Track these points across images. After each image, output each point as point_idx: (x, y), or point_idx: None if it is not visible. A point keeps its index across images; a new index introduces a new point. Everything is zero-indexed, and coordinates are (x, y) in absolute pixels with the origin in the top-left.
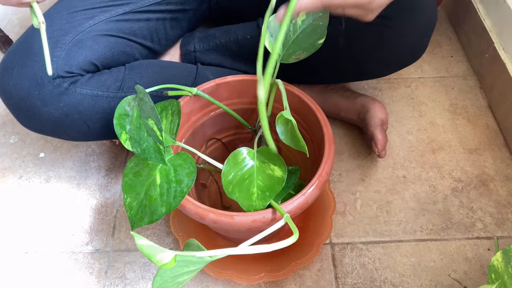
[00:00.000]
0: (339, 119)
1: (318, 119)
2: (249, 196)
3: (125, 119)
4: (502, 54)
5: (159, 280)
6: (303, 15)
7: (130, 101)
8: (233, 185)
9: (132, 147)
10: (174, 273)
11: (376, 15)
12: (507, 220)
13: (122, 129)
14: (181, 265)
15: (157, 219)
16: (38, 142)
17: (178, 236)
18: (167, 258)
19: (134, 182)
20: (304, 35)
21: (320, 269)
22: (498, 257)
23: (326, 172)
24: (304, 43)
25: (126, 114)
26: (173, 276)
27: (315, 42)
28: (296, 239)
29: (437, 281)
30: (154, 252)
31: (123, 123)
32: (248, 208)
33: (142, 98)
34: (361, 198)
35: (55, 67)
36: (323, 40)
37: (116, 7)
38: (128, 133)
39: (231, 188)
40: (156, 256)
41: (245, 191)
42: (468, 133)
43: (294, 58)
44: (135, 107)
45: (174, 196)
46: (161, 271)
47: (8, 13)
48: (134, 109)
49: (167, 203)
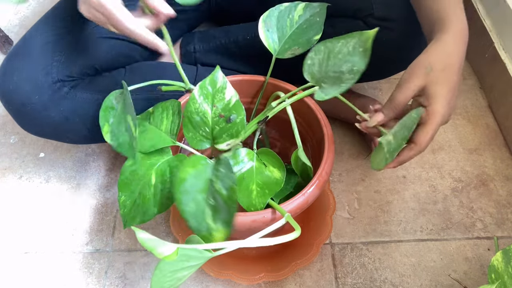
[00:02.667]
0: (339, 119)
1: (318, 119)
2: (248, 194)
3: (110, 112)
4: (502, 54)
5: (159, 273)
6: (301, 10)
7: (118, 95)
8: None
9: (111, 140)
10: (174, 267)
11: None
12: (507, 220)
13: (105, 121)
14: (182, 259)
15: (149, 219)
16: (38, 142)
17: (178, 236)
18: (169, 251)
19: (130, 181)
20: (300, 30)
21: (320, 269)
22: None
23: (326, 172)
24: (301, 39)
25: (112, 107)
26: (173, 270)
27: (311, 38)
28: (298, 235)
29: (437, 281)
30: (156, 245)
31: (108, 115)
32: (248, 206)
33: (124, 93)
34: (361, 198)
35: (55, 71)
36: (319, 36)
37: None
38: (110, 126)
39: None
40: (158, 248)
41: (244, 189)
42: (468, 133)
43: (290, 53)
44: (121, 102)
45: (167, 197)
46: (161, 265)
47: (8, 13)
48: (120, 104)
49: (160, 204)
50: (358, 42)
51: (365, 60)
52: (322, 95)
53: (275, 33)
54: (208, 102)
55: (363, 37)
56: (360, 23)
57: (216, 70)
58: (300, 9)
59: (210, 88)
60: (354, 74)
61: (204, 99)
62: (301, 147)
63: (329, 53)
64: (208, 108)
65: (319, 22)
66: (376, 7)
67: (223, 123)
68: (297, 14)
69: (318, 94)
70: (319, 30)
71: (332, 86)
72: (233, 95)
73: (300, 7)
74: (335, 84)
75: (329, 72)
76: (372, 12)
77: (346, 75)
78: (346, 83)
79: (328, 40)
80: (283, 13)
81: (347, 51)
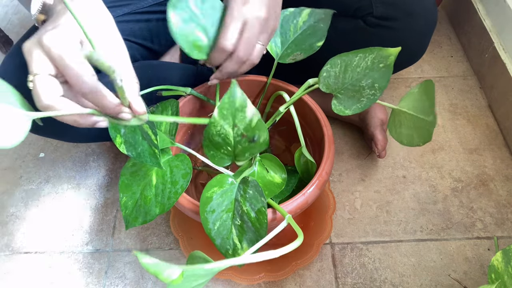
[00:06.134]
0: (339, 119)
1: (318, 119)
2: None
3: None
4: (502, 54)
5: None
6: (305, 16)
7: None
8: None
9: (127, 150)
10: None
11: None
12: (507, 220)
13: (116, 132)
14: (189, 279)
15: (151, 219)
16: (38, 142)
17: (178, 236)
18: (175, 274)
19: (131, 182)
20: (304, 36)
21: (320, 269)
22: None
23: (326, 172)
24: (303, 44)
25: None
26: None
27: (313, 44)
28: (300, 243)
29: (437, 281)
30: (161, 269)
31: (118, 126)
32: None
33: None
34: (361, 198)
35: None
36: (322, 43)
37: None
38: (122, 136)
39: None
40: (163, 273)
41: None
42: (468, 133)
43: (292, 58)
44: None
45: (169, 197)
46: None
47: (8, 13)
48: None
49: (161, 204)
50: (377, 57)
51: (387, 78)
52: (340, 107)
53: (278, 37)
54: (229, 123)
55: (383, 53)
56: (360, 22)
57: (232, 85)
58: (305, 15)
59: (229, 108)
60: (375, 91)
61: (224, 121)
62: (304, 145)
63: (346, 66)
64: (229, 130)
65: (323, 28)
66: (376, 6)
67: (246, 142)
68: (301, 20)
69: (336, 106)
70: (322, 37)
71: (349, 98)
72: (255, 113)
73: (305, 13)
74: (354, 97)
75: (346, 84)
76: (372, 11)
77: (367, 90)
78: (366, 99)
79: (344, 54)
80: (288, 18)
81: (365, 66)
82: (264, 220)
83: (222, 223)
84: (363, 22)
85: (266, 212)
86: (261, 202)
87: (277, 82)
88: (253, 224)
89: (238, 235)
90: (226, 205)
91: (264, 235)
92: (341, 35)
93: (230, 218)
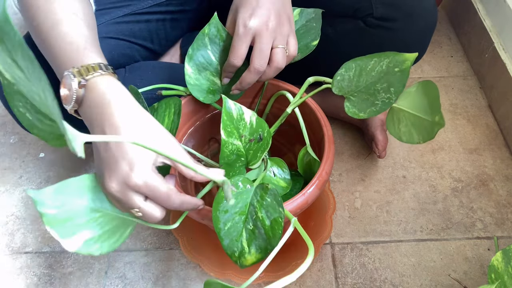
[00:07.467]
0: (339, 119)
1: (318, 119)
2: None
3: None
4: (502, 54)
5: None
6: (296, 15)
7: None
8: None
9: None
10: None
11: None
12: (507, 220)
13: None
14: None
15: None
16: (38, 142)
17: (178, 236)
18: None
19: None
20: (298, 36)
21: (320, 269)
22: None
23: (326, 172)
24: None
25: None
26: None
27: (309, 44)
28: (311, 260)
29: (437, 281)
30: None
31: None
32: None
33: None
34: (361, 198)
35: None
36: (317, 42)
37: (115, 9)
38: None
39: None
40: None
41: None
42: (468, 133)
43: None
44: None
45: None
46: None
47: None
48: None
49: None
50: (392, 61)
51: (403, 82)
52: (354, 110)
53: None
54: (236, 137)
55: (399, 58)
56: (360, 23)
57: (224, 100)
58: (296, 14)
59: (230, 123)
60: (391, 95)
61: (232, 137)
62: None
63: (361, 70)
64: (238, 142)
65: (316, 27)
66: (376, 7)
67: (255, 144)
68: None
69: (349, 108)
70: (316, 36)
71: (363, 101)
72: (251, 114)
73: (295, 12)
74: (368, 100)
75: (360, 87)
76: (372, 12)
77: (382, 94)
78: (381, 102)
79: (358, 58)
80: None
81: (380, 70)
82: (278, 231)
83: (233, 225)
84: (363, 23)
85: (282, 223)
86: (278, 212)
87: (277, 82)
88: (266, 232)
89: (248, 239)
90: (240, 207)
91: (275, 244)
92: (341, 36)
93: (243, 221)
